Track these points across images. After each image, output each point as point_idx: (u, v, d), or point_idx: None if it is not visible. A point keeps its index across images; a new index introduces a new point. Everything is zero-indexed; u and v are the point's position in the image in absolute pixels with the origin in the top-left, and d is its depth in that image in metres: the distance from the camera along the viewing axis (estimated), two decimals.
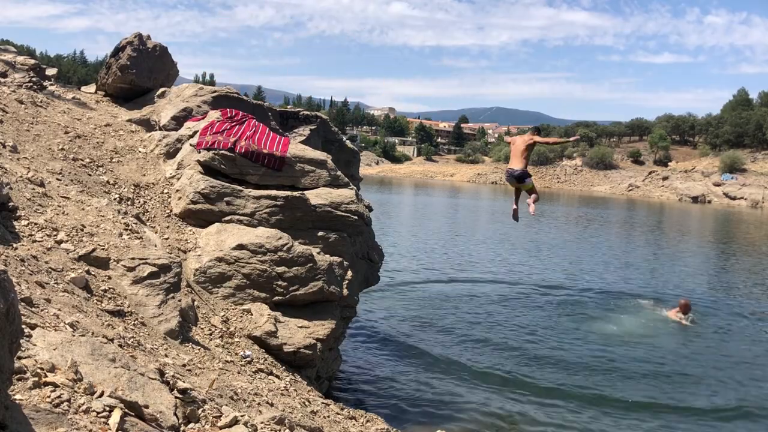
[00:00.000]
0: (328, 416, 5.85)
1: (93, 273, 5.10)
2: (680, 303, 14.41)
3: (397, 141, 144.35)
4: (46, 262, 4.74)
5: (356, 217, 8.50)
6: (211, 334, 6.15)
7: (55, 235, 5.17)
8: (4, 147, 6.72)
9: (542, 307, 14.78)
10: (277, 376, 6.25)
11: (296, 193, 8.14)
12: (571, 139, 12.92)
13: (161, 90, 11.07)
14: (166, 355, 4.66)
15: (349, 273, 8.29)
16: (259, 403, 4.64)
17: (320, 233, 8.23)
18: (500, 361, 10.84)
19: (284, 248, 7.34)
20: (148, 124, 10.06)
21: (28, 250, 4.72)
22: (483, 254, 22.76)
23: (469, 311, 14.11)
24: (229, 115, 9.03)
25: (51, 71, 11.67)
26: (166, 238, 7.27)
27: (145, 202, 7.81)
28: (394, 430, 6.58)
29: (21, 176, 5.91)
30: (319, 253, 7.90)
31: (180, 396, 3.45)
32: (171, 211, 7.92)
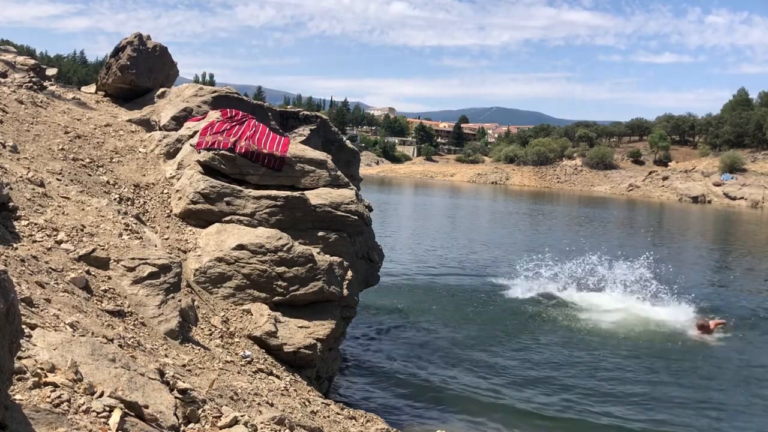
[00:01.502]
0: (328, 416, 5.85)
1: (93, 273, 5.10)
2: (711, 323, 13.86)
3: (397, 141, 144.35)
4: (46, 262, 4.74)
5: (356, 217, 8.50)
6: (211, 334, 6.15)
7: (55, 235, 5.17)
8: (4, 147, 6.73)
9: (545, 309, 14.77)
10: (277, 376, 6.25)
11: (296, 193, 8.14)
12: None
13: (161, 90, 11.07)
14: (166, 356, 4.66)
15: (349, 273, 8.29)
16: (259, 403, 4.64)
17: (320, 233, 8.23)
18: (502, 363, 10.84)
19: (284, 248, 7.34)
20: (148, 124, 10.06)
21: (28, 250, 4.72)
22: (484, 254, 22.75)
23: (471, 311, 14.11)
24: (229, 115, 9.03)
25: (51, 71, 11.66)
26: (166, 238, 7.27)
27: (145, 202, 7.81)
28: (394, 430, 6.58)
29: (21, 176, 5.92)
30: (319, 253, 7.90)
31: (180, 396, 3.45)
32: (171, 211, 7.92)
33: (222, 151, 8.14)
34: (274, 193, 8.08)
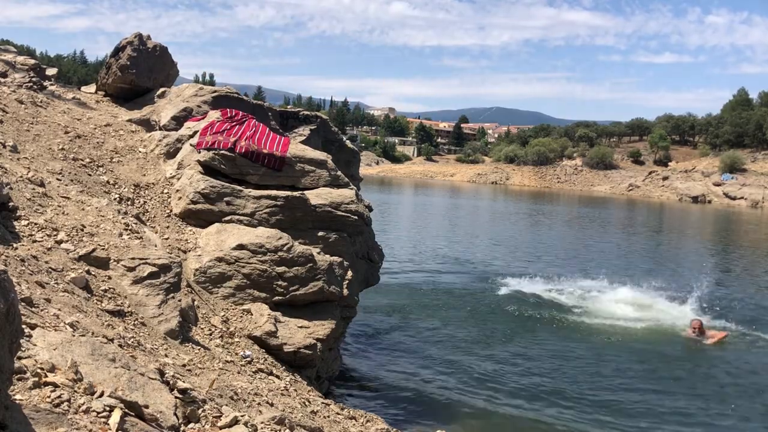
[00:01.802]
0: (328, 416, 5.85)
1: (93, 273, 5.10)
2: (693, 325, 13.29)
3: (397, 141, 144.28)
4: (46, 262, 4.74)
5: (356, 217, 8.50)
6: (211, 334, 6.15)
7: (55, 235, 5.17)
8: (4, 147, 6.73)
9: (547, 311, 14.76)
10: (277, 376, 6.25)
11: (296, 193, 8.15)
12: None
13: (161, 90, 11.07)
14: (166, 355, 4.66)
15: (349, 273, 8.29)
16: (259, 403, 4.64)
17: (320, 233, 8.23)
18: (503, 363, 10.84)
19: (284, 248, 7.34)
20: (148, 124, 10.06)
21: (28, 250, 4.72)
22: (484, 254, 22.75)
23: (472, 311, 14.11)
24: (229, 115, 9.03)
25: (51, 71, 11.66)
26: (166, 238, 7.27)
27: (145, 202, 7.82)
28: (394, 430, 6.58)
29: (21, 176, 5.92)
30: (319, 253, 7.90)
31: (180, 396, 3.46)
32: (171, 211, 7.93)
33: (222, 151, 8.14)
34: (274, 193, 8.08)
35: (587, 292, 16.54)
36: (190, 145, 8.65)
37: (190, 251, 7.27)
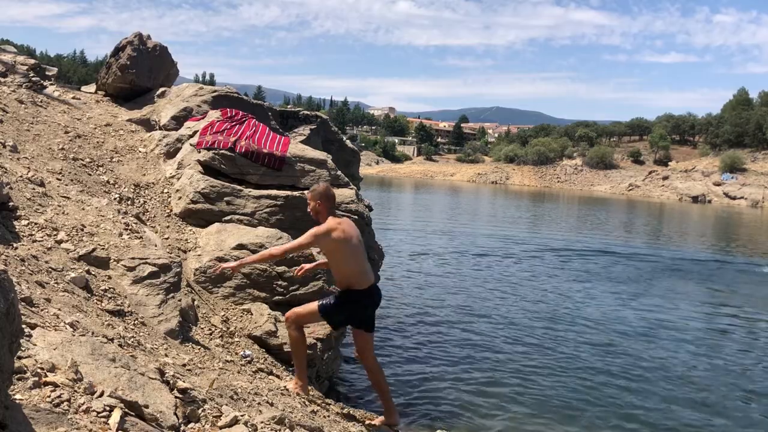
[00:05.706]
0: (328, 416, 5.85)
1: (93, 273, 5.10)
2: None
3: (397, 141, 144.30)
4: (46, 262, 4.74)
5: (356, 217, 8.50)
6: (211, 334, 6.15)
7: (55, 235, 5.17)
8: (4, 147, 6.72)
9: (551, 311, 14.77)
10: (277, 376, 6.25)
11: (296, 193, 8.15)
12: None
13: (161, 90, 11.07)
14: (166, 355, 4.66)
15: None
16: (259, 403, 4.64)
17: None
18: (503, 361, 10.83)
19: None
20: (148, 124, 10.07)
21: (28, 249, 4.72)
22: (486, 252, 22.75)
23: (471, 309, 14.11)
24: (229, 114, 9.03)
25: (51, 71, 11.67)
26: (167, 238, 7.27)
27: (145, 201, 7.81)
28: (395, 429, 6.58)
29: (21, 176, 5.91)
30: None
31: (180, 396, 3.46)
32: (171, 210, 7.92)
33: (222, 151, 8.15)
34: (274, 192, 8.08)
35: (599, 289, 16.52)
36: (190, 144, 8.65)
37: (190, 251, 7.28)
